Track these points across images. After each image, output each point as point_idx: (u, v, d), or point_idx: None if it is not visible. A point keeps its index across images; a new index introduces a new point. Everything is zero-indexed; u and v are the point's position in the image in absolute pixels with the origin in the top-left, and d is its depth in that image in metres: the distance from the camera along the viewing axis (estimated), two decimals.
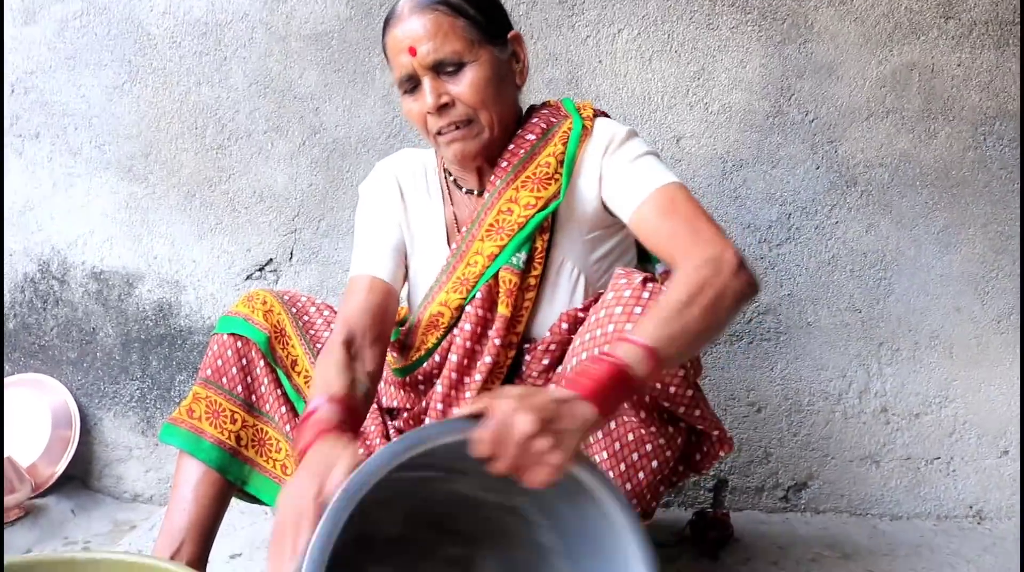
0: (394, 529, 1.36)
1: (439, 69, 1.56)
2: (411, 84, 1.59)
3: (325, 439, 1.27)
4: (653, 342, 1.23)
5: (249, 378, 1.77)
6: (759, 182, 2.47)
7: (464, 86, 1.56)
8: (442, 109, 1.57)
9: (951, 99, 2.45)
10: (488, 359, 1.63)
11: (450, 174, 1.75)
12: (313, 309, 1.84)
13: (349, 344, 1.56)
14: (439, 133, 1.60)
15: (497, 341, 1.62)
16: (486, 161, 1.66)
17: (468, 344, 1.65)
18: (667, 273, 1.75)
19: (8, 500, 2.32)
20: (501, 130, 1.63)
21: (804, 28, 2.44)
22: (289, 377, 1.76)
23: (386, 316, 1.67)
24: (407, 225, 1.76)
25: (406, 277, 1.78)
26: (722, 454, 1.59)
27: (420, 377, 1.74)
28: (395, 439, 1.07)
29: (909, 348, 2.48)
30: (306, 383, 1.75)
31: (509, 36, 1.65)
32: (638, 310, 1.42)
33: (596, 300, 1.58)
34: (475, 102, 1.57)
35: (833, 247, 2.47)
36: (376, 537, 1.34)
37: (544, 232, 1.62)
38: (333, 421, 1.33)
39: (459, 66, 1.56)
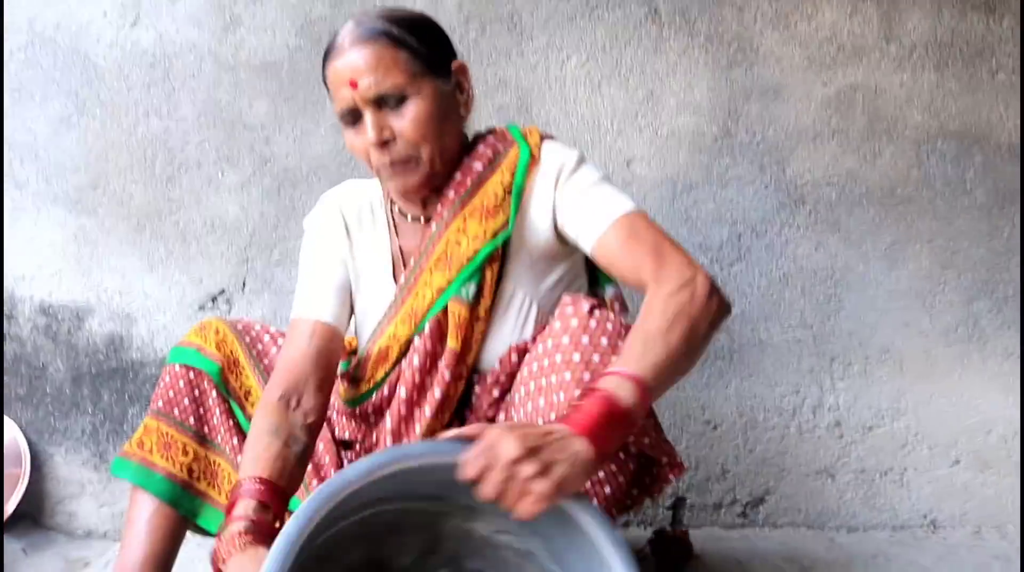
0: (406, 559, 1.37)
1: (381, 103, 1.52)
2: (353, 117, 1.56)
3: (241, 553, 1.28)
4: (639, 372, 1.23)
5: (201, 409, 1.75)
6: (709, 203, 2.50)
7: (407, 121, 1.53)
8: (384, 144, 1.54)
9: (894, 119, 2.50)
10: (438, 393, 1.61)
11: (395, 203, 1.73)
12: (267, 337, 1.82)
13: (287, 398, 1.55)
14: (382, 167, 1.58)
15: (447, 374, 1.60)
16: (431, 191, 1.64)
17: (417, 378, 1.63)
18: (618, 296, 1.77)
19: None
20: (444, 162, 1.60)
21: (750, 52, 2.48)
22: (242, 408, 1.75)
23: (330, 360, 1.65)
24: (352, 259, 1.73)
25: (352, 313, 1.76)
26: (672, 478, 1.59)
27: (370, 409, 1.72)
28: (380, 451, 1.07)
29: (860, 362, 2.52)
30: None
31: (453, 67, 1.62)
32: (585, 339, 1.42)
33: (544, 329, 1.57)
34: (417, 137, 1.54)
35: (783, 265, 2.51)
36: (389, 565, 1.34)
37: (494, 262, 1.60)
38: (252, 521, 1.35)
39: (401, 99, 1.52)
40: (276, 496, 1.41)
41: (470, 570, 1.39)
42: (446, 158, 1.61)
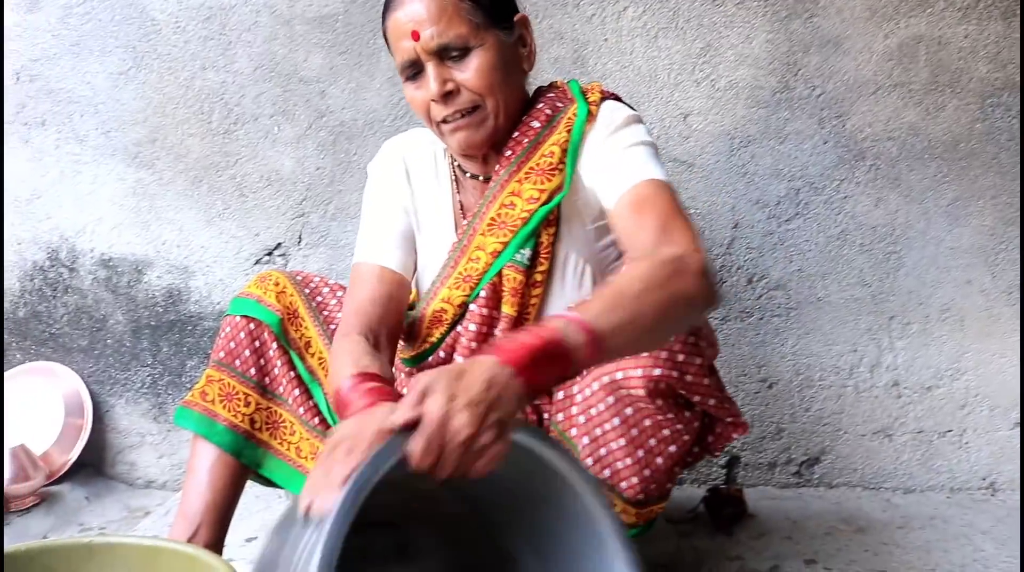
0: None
1: (443, 54, 1.50)
2: (414, 70, 1.54)
3: (380, 404, 1.22)
4: (596, 325, 1.11)
5: (262, 360, 1.75)
6: (767, 158, 2.47)
7: (470, 72, 1.51)
8: (447, 97, 1.51)
9: (958, 71, 2.44)
10: None
11: (455, 160, 1.71)
12: (326, 289, 1.83)
13: (367, 335, 1.53)
14: (443, 121, 1.55)
15: None
16: (492, 148, 1.61)
17: (474, 345, 1.61)
18: None
19: (22, 487, 2.33)
20: (507, 117, 1.58)
21: (810, 2, 2.43)
22: (303, 359, 1.75)
23: (399, 307, 1.65)
24: (414, 210, 1.72)
25: (416, 265, 1.75)
26: (735, 436, 1.57)
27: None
28: (343, 490, 0.95)
29: (920, 321, 2.48)
30: (320, 365, 1.74)
31: (516, 19, 1.60)
32: None
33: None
34: (481, 88, 1.52)
35: (842, 222, 2.47)
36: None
37: (549, 226, 1.58)
38: (374, 390, 1.31)
39: (464, 51, 1.50)
40: (386, 386, 1.37)
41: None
42: (509, 112, 1.58)
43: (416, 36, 1.49)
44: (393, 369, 1.74)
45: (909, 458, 2.50)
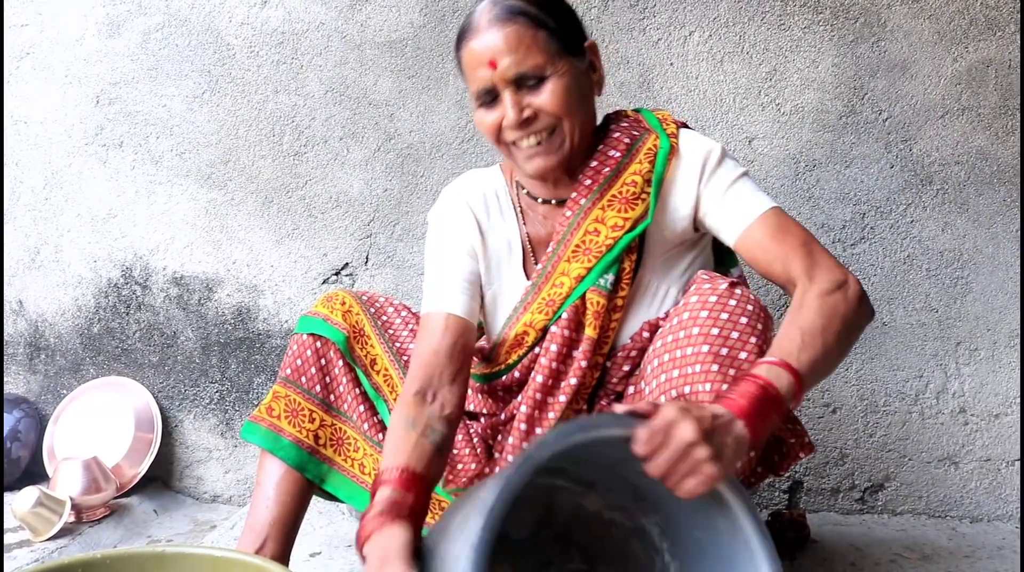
0: (523, 532, 1.39)
1: (520, 83, 1.52)
2: (489, 97, 1.56)
3: (380, 531, 1.30)
4: (797, 365, 1.26)
5: (328, 378, 1.79)
6: (832, 182, 2.46)
7: (546, 96, 1.52)
8: (525, 123, 1.54)
9: None
10: (573, 380, 1.62)
11: (522, 187, 1.73)
12: (391, 309, 1.86)
13: (423, 393, 1.56)
14: (514, 144, 1.57)
15: (583, 362, 1.61)
16: (564, 172, 1.63)
17: (554, 365, 1.63)
18: (742, 277, 1.76)
19: (94, 499, 2.38)
20: (581, 140, 1.60)
21: (877, 27, 2.43)
22: (368, 376, 1.78)
23: (464, 352, 1.65)
24: (483, 249, 1.73)
25: (482, 303, 1.76)
26: (801, 456, 1.58)
27: (499, 387, 1.74)
28: (564, 425, 1.10)
29: (988, 348, 2.45)
30: (385, 381, 1.77)
31: (586, 45, 1.62)
32: (724, 315, 1.41)
33: (678, 304, 1.56)
34: (558, 111, 1.53)
35: (908, 246, 2.45)
36: (507, 538, 1.36)
37: (632, 252, 1.61)
38: (391, 502, 1.36)
39: (540, 80, 1.52)
40: (415, 482, 1.42)
41: (579, 544, 1.40)
42: (583, 136, 1.60)
43: (494, 65, 1.51)
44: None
45: (976, 486, 2.47)
